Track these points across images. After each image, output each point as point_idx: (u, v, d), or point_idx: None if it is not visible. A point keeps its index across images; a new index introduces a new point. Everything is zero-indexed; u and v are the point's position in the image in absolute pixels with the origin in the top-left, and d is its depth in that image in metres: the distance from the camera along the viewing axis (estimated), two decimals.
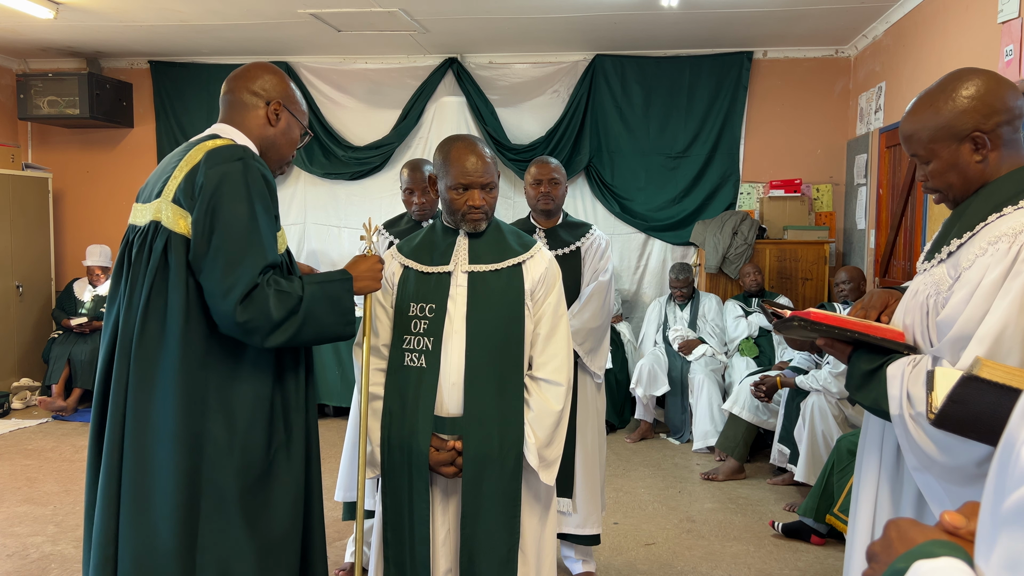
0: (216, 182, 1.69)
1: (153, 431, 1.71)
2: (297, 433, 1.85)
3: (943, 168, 1.57)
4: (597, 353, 2.99)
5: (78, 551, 3.38)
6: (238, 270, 1.67)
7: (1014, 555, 0.57)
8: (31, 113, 6.18)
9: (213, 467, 1.72)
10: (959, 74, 1.58)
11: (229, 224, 1.68)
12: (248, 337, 1.70)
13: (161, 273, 1.71)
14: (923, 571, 0.67)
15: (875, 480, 1.68)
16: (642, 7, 4.83)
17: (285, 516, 1.82)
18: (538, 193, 3.02)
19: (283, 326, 1.71)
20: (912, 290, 1.63)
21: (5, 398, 5.79)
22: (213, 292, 1.68)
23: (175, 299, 1.70)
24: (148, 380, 1.71)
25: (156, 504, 1.70)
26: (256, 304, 1.67)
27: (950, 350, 1.44)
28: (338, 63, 6.26)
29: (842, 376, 3.87)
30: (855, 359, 1.60)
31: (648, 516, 3.89)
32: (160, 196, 1.76)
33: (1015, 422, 0.64)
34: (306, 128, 2.00)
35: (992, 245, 1.44)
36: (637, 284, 6.17)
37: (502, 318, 2.02)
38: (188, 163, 1.75)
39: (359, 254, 1.99)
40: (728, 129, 5.95)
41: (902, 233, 4.73)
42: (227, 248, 1.67)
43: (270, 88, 1.89)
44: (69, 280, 6.45)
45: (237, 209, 1.69)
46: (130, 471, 1.71)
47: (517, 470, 1.99)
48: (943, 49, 4.13)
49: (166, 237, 1.72)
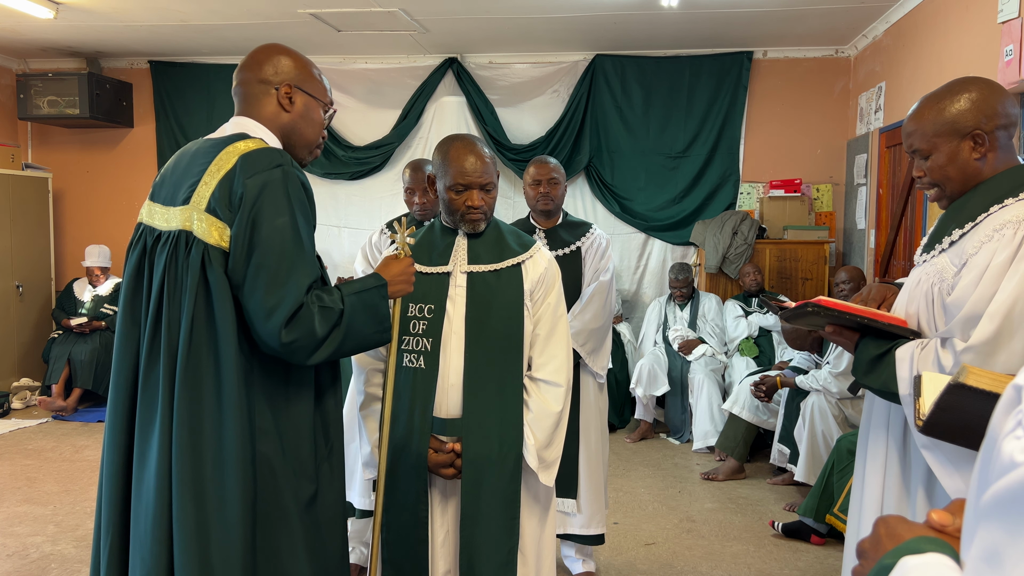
0: (256, 193, 1.58)
1: (209, 459, 1.60)
2: (336, 446, 1.79)
3: (943, 162, 1.66)
4: (599, 353, 2.98)
5: (78, 551, 3.38)
6: (282, 290, 1.57)
7: (990, 547, 0.57)
8: (31, 113, 6.18)
9: (271, 491, 1.64)
10: (963, 81, 1.70)
11: (271, 240, 1.58)
12: (292, 356, 1.61)
13: (202, 290, 1.60)
14: (910, 567, 0.68)
15: (882, 463, 1.74)
16: (642, 7, 4.83)
17: (334, 533, 1.76)
18: (537, 193, 3.01)
19: (326, 342, 1.63)
20: (914, 280, 1.72)
21: (5, 398, 5.80)
22: (256, 312, 1.57)
23: (224, 319, 1.59)
24: (199, 403, 1.60)
25: (215, 539, 1.58)
26: (302, 324, 1.58)
27: (961, 329, 1.53)
28: (338, 63, 6.26)
29: (842, 376, 3.87)
30: (863, 345, 1.69)
31: (648, 516, 3.89)
32: (189, 203, 1.64)
33: (998, 416, 0.64)
34: (328, 104, 1.85)
35: (997, 232, 1.54)
36: (637, 284, 6.17)
37: (501, 319, 2.01)
38: (220, 168, 1.63)
39: (390, 255, 1.90)
40: (728, 129, 5.95)
41: (902, 233, 4.73)
42: (270, 265, 1.57)
43: (278, 71, 1.76)
44: (69, 280, 6.45)
45: (279, 223, 1.59)
46: (185, 505, 1.58)
47: (516, 472, 1.99)
48: (943, 49, 4.13)
49: (202, 250, 1.60)
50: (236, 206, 1.59)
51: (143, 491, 1.64)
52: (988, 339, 1.47)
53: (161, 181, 1.77)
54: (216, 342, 1.60)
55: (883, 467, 1.73)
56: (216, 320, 1.60)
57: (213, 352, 1.61)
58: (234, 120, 1.77)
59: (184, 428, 1.59)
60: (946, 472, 1.52)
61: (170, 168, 1.78)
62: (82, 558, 3.31)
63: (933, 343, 1.57)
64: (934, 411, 1.19)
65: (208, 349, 1.61)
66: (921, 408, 1.32)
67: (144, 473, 1.65)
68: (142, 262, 1.71)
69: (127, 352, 1.71)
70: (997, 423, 0.64)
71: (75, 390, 5.81)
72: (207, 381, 1.60)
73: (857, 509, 1.80)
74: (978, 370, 1.18)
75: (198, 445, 1.59)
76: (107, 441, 1.73)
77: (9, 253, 6.12)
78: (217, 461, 1.59)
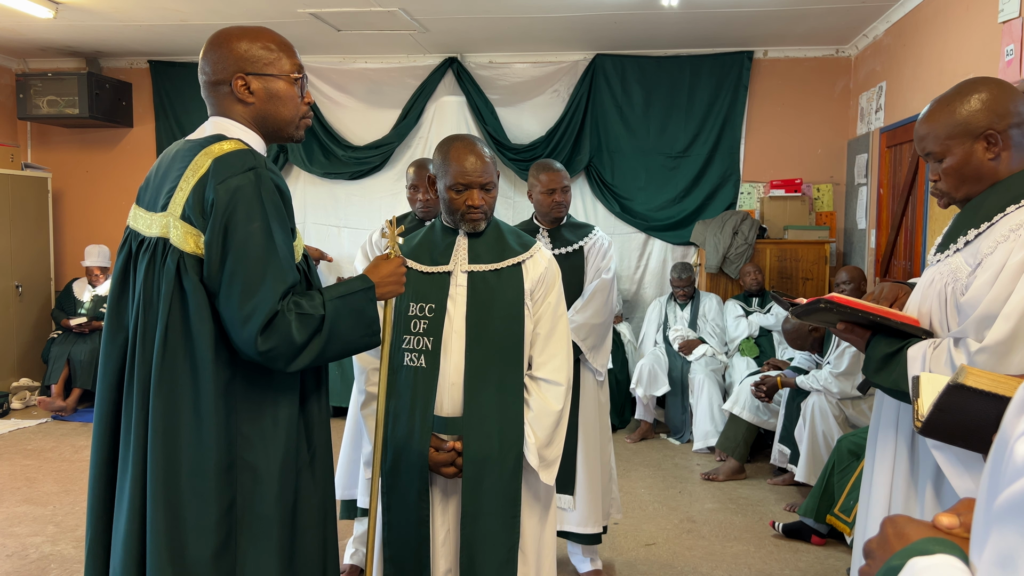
0: (227, 199, 1.55)
1: (185, 467, 1.58)
2: (320, 451, 1.76)
3: (958, 164, 1.65)
4: (599, 350, 3.00)
5: (78, 551, 3.37)
6: (256, 298, 1.54)
7: (1005, 551, 0.57)
8: (31, 113, 6.18)
9: (253, 498, 1.62)
10: (973, 81, 1.68)
11: (244, 246, 1.55)
12: (271, 364, 1.59)
13: (178, 297, 1.59)
14: (919, 568, 0.67)
15: (891, 461, 1.73)
16: (642, 7, 4.83)
17: (314, 539, 1.75)
18: (552, 202, 3.02)
19: (307, 349, 1.60)
20: (927, 279, 1.71)
21: (5, 398, 5.79)
22: (231, 320, 1.56)
23: (200, 328, 1.57)
24: (174, 411, 1.58)
25: (190, 547, 1.57)
26: (278, 332, 1.56)
27: (975, 329, 1.51)
28: (338, 63, 6.25)
29: (843, 377, 3.87)
30: (874, 343, 1.67)
31: (648, 516, 3.88)
32: (167, 210, 1.62)
33: (1009, 418, 0.64)
34: (292, 72, 1.71)
35: (1014, 232, 1.53)
36: (637, 284, 6.16)
37: (502, 318, 2.01)
38: (195, 173, 1.60)
39: (381, 255, 1.89)
40: (728, 129, 5.95)
41: (903, 233, 4.73)
42: (243, 273, 1.55)
43: (224, 65, 1.67)
44: (68, 280, 6.44)
45: (251, 228, 1.56)
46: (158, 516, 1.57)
47: (517, 470, 1.99)
48: (943, 49, 4.13)
49: (177, 258, 1.59)
50: (208, 212, 1.56)
51: (122, 503, 1.64)
52: (1003, 339, 1.45)
53: (145, 185, 1.75)
54: (192, 350, 1.58)
55: (892, 466, 1.72)
56: (192, 328, 1.58)
57: (189, 360, 1.58)
58: (212, 120, 1.72)
59: (158, 436, 1.58)
60: (956, 472, 1.51)
61: (153, 171, 1.75)
62: (82, 558, 3.29)
63: (946, 343, 1.55)
64: (933, 412, 1.18)
65: (184, 357, 1.58)
66: (920, 409, 1.31)
67: (125, 482, 1.63)
68: (127, 266, 1.71)
69: (112, 357, 1.70)
70: (1009, 425, 0.63)
71: (74, 390, 5.80)
72: (183, 389, 1.58)
73: (865, 508, 1.79)
74: (977, 371, 1.17)
75: (172, 453, 1.58)
76: (93, 448, 1.73)
77: (9, 253, 6.12)
78: (193, 469, 1.57)
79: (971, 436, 1.20)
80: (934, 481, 1.61)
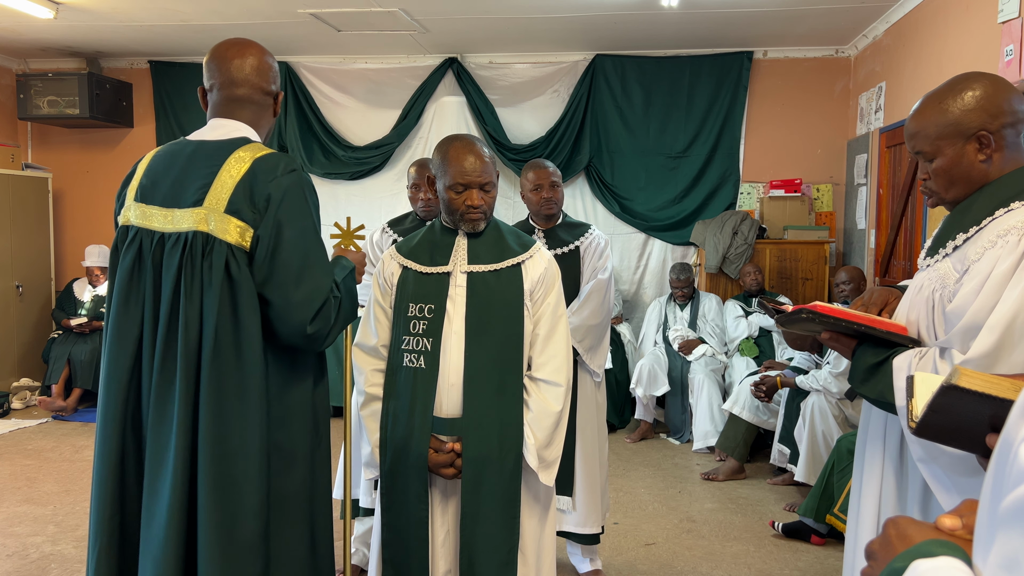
0: (281, 196, 1.69)
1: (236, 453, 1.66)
2: (324, 436, 1.89)
3: (948, 165, 1.58)
4: (596, 352, 2.98)
5: (78, 551, 3.37)
6: (311, 286, 1.70)
7: (1011, 555, 0.57)
8: (31, 113, 6.18)
9: (283, 478, 1.74)
10: (966, 76, 1.60)
11: (297, 241, 1.70)
12: (310, 345, 1.75)
13: (226, 288, 1.67)
14: (921, 570, 0.67)
15: (879, 474, 1.68)
16: (642, 7, 4.83)
17: (328, 517, 1.88)
18: (540, 199, 3.01)
19: (334, 328, 1.78)
20: (916, 286, 1.64)
21: (5, 398, 5.79)
22: (284, 307, 1.68)
23: (248, 315, 1.67)
24: (225, 399, 1.66)
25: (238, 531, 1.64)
26: (323, 316, 1.73)
27: (960, 339, 1.46)
28: (338, 63, 6.25)
29: (842, 376, 3.87)
30: (860, 353, 1.61)
31: (648, 516, 3.89)
32: (202, 204, 1.68)
33: (1013, 421, 0.64)
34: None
35: (1001, 238, 1.46)
36: (637, 284, 6.16)
37: (501, 318, 2.01)
38: (233, 171, 1.69)
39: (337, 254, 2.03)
40: (728, 129, 5.95)
41: (902, 233, 4.73)
42: (298, 263, 1.69)
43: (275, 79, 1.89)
44: (69, 280, 6.45)
45: (305, 223, 1.72)
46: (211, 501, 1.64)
47: (516, 471, 1.99)
48: (943, 49, 4.13)
49: (225, 250, 1.67)
50: (261, 208, 1.68)
51: (158, 492, 1.67)
52: (987, 352, 1.40)
53: (151, 183, 1.78)
54: (239, 338, 1.68)
55: (879, 480, 1.67)
56: (240, 316, 1.68)
57: (236, 347, 1.68)
58: (231, 124, 1.81)
59: (212, 425, 1.65)
60: (942, 487, 1.47)
61: (160, 170, 1.78)
62: (82, 558, 3.31)
63: (932, 353, 1.50)
64: (927, 413, 1.18)
65: (232, 344, 1.68)
66: (914, 409, 1.31)
67: (160, 474, 1.67)
68: (135, 265, 1.74)
69: (122, 354, 1.73)
70: (1012, 430, 0.63)
71: (75, 390, 5.81)
72: (232, 376, 1.67)
73: (855, 518, 1.75)
74: (971, 372, 1.17)
75: (225, 441, 1.66)
76: (99, 447, 1.74)
77: (9, 253, 6.12)
78: (242, 454, 1.66)
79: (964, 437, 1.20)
80: (921, 497, 1.57)
